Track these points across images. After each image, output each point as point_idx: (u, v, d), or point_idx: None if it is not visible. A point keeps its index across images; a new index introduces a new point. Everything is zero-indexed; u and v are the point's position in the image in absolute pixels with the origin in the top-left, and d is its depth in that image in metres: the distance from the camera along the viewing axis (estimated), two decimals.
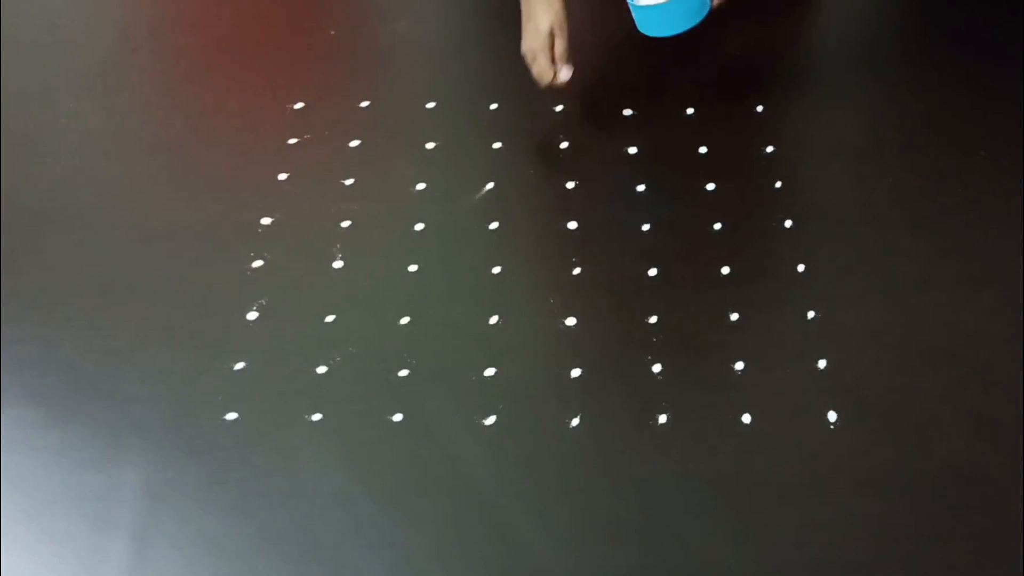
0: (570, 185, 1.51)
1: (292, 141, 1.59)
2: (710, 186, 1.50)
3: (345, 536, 1.17)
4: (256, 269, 1.42)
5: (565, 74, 1.52)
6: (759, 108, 1.60)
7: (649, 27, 1.52)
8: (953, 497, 1.17)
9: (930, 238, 1.42)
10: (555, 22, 1.50)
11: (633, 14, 1.52)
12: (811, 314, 1.34)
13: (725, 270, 1.39)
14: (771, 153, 1.54)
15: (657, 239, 1.44)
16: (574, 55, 1.53)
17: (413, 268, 1.42)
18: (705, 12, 1.51)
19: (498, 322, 1.35)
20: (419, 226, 1.47)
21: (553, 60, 1.51)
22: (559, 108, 1.61)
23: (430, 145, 1.58)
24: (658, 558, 1.14)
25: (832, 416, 1.24)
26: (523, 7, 1.53)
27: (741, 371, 1.29)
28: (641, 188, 1.51)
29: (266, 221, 1.48)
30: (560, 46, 1.51)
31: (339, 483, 1.21)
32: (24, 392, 1.31)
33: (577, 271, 1.41)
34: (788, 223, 1.44)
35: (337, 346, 1.33)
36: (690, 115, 1.60)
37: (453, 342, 1.34)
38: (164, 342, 1.35)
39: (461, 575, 1.14)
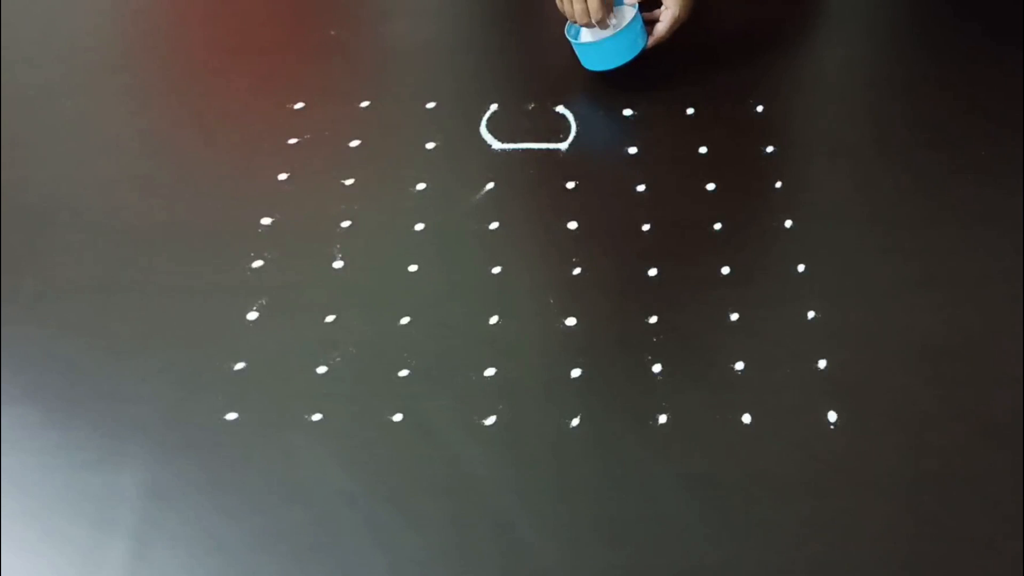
0: (570, 185, 1.51)
1: (292, 141, 1.59)
2: (710, 186, 1.50)
3: (345, 536, 1.17)
4: (256, 269, 1.42)
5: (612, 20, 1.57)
6: (759, 108, 1.60)
7: (588, 62, 1.61)
8: (953, 497, 1.17)
9: (930, 238, 1.42)
10: None
11: (575, 51, 1.61)
12: (811, 314, 1.34)
13: (725, 270, 1.39)
14: (771, 153, 1.54)
15: (657, 239, 1.44)
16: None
17: (413, 268, 1.42)
18: (637, 51, 1.58)
19: (498, 322, 1.35)
20: (419, 226, 1.47)
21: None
22: (559, 108, 1.61)
23: (430, 145, 1.58)
24: (658, 558, 1.14)
25: (832, 416, 1.24)
26: None
27: (741, 371, 1.29)
28: (641, 188, 1.51)
29: (266, 221, 1.48)
30: None
31: (339, 483, 1.21)
32: (24, 392, 1.31)
33: (577, 271, 1.41)
34: (788, 223, 1.44)
35: (337, 346, 1.33)
36: (690, 115, 1.61)
37: (453, 342, 1.34)
38: (164, 342, 1.35)
39: (461, 575, 1.15)
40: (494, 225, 1.47)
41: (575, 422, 1.25)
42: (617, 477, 1.20)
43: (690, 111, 1.61)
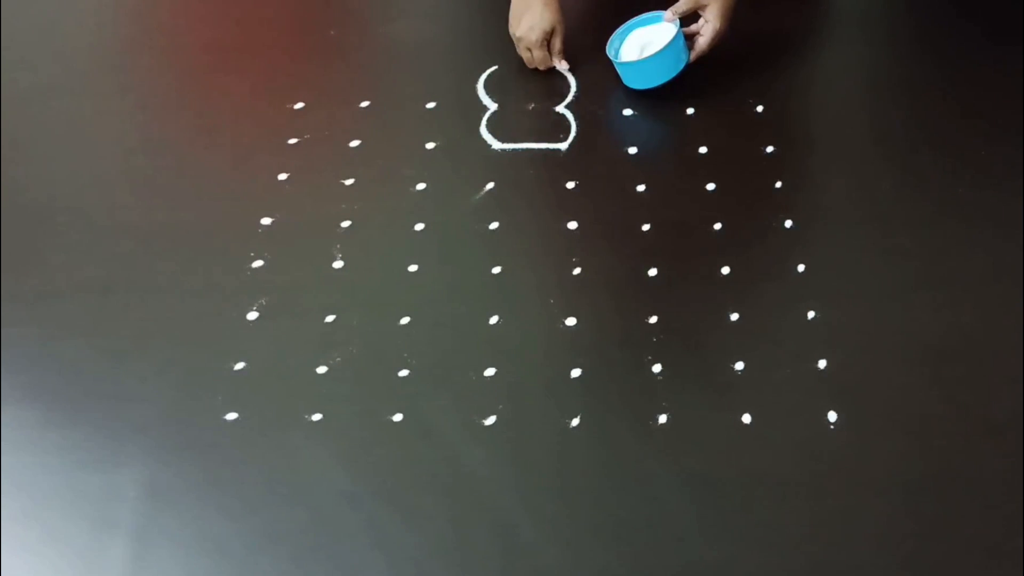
0: (570, 185, 1.52)
1: (292, 141, 1.59)
2: (710, 186, 1.50)
3: (345, 536, 1.17)
4: (256, 269, 1.42)
5: (564, 66, 1.65)
6: (759, 108, 1.60)
7: (630, 81, 1.62)
8: (953, 497, 1.17)
9: (930, 238, 1.42)
10: (556, 21, 1.62)
11: (617, 70, 1.62)
12: (811, 314, 1.34)
13: (725, 270, 1.39)
14: (771, 153, 1.54)
15: (657, 239, 1.44)
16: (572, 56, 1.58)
17: (413, 268, 1.42)
18: (681, 67, 1.59)
19: (498, 322, 1.35)
20: (419, 226, 1.47)
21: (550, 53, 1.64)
22: (559, 109, 1.61)
23: (430, 145, 1.58)
24: (658, 558, 1.14)
25: (832, 416, 1.24)
26: None
27: (741, 371, 1.29)
28: (641, 188, 1.51)
29: (266, 221, 1.48)
30: (558, 44, 1.64)
31: (339, 483, 1.21)
32: (24, 392, 1.31)
33: (577, 271, 1.41)
34: (788, 223, 1.44)
35: (337, 346, 1.33)
36: (690, 115, 1.61)
37: (453, 342, 1.34)
38: (164, 342, 1.35)
39: (461, 575, 1.15)
40: (494, 225, 1.47)
41: (575, 422, 1.25)
42: (617, 477, 1.20)
43: (690, 111, 1.61)
